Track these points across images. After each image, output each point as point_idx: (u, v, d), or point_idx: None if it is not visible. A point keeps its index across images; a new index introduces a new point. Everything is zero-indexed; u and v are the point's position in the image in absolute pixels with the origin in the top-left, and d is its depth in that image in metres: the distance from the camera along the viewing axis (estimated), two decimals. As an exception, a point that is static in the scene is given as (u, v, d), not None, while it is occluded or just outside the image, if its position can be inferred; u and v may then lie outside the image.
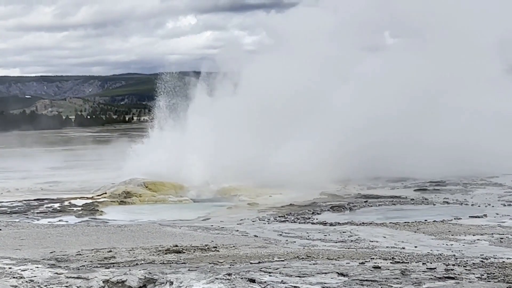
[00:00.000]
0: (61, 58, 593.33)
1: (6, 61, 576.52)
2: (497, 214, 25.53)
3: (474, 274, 13.71)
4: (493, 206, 27.62)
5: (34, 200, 32.60)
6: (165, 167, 36.16)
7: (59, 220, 26.76)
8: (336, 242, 19.45)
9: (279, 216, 26.25)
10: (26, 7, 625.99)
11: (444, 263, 14.87)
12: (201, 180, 35.34)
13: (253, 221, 25.08)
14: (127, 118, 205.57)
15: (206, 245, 18.16)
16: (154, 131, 42.70)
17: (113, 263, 15.58)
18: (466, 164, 38.23)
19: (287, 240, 19.88)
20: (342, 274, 13.53)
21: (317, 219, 25.45)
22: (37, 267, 14.97)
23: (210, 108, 40.94)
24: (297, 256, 15.93)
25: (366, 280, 13.03)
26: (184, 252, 17.01)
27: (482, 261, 15.49)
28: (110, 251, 17.31)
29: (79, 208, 29.97)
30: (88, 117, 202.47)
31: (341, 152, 36.75)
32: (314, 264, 14.72)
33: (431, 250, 17.81)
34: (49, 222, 26.13)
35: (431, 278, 13.20)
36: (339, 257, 15.69)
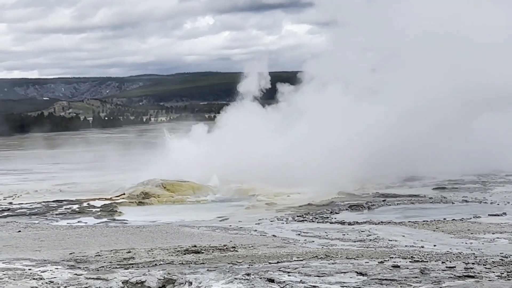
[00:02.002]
0: (79, 60, 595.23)
1: (25, 63, 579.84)
2: (517, 212, 25.43)
3: (494, 272, 13.65)
4: (512, 204, 27.52)
5: (53, 201, 32.73)
6: (184, 168, 36.26)
7: (78, 221, 26.85)
8: (355, 242, 19.41)
9: (297, 216, 26.22)
10: (45, 10, 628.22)
11: (463, 262, 14.82)
12: (219, 180, 35.37)
13: (271, 221, 25.06)
14: (144, 119, 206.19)
15: (224, 245, 18.18)
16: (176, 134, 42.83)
17: (132, 263, 15.63)
18: (485, 162, 38.05)
19: (305, 240, 19.87)
20: (361, 274, 13.50)
21: (335, 218, 25.41)
22: (57, 268, 15.04)
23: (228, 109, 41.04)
24: (316, 256, 15.92)
25: (385, 279, 13.00)
26: (203, 253, 17.04)
27: (501, 260, 15.42)
28: (129, 252, 17.36)
29: (98, 209, 30.06)
30: (106, 118, 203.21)
31: (360, 151, 36.65)
32: (333, 263, 14.71)
33: (451, 248, 17.74)
34: (68, 223, 26.23)
35: (451, 277, 13.15)
36: (358, 257, 15.67)
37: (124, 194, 34.05)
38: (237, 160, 36.29)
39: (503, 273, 13.62)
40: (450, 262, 14.85)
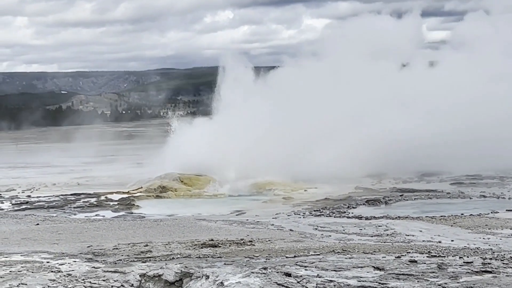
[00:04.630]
0: (98, 53, 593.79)
1: (45, 57, 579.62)
2: (535, 207, 25.31)
3: (511, 268, 13.58)
4: (530, 200, 27.41)
5: (71, 194, 32.90)
6: (201, 162, 36.21)
7: (96, 215, 26.98)
8: (372, 236, 19.40)
9: (314, 210, 26.24)
10: (66, 3, 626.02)
11: (481, 257, 14.75)
12: (236, 175, 35.33)
13: (288, 215, 25.08)
14: (162, 113, 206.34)
15: (241, 239, 18.20)
16: (190, 125, 42.71)
17: (150, 257, 15.68)
18: (502, 157, 37.86)
19: (322, 234, 19.86)
20: (378, 268, 13.48)
21: (352, 213, 25.41)
22: (75, 261, 15.11)
23: (245, 103, 40.82)
24: (333, 250, 15.91)
25: (403, 274, 12.96)
26: (220, 246, 17.06)
27: (519, 255, 15.34)
28: (147, 245, 17.41)
29: (116, 203, 30.18)
30: (123, 112, 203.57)
31: (376, 146, 36.58)
32: (350, 258, 14.68)
33: (468, 244, 17.69)
34: (86, 216, 26.35)
35: (468, 272, 13.10)
36: (375, 251, 15.64)
37: (141, 187, 34.17)
38: (252, 153, 36.14)
39: (520, 269, 13.56)
40: (468, 257, 14.79)
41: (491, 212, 24.27)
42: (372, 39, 44.17)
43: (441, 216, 23.56)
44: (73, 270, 14.11)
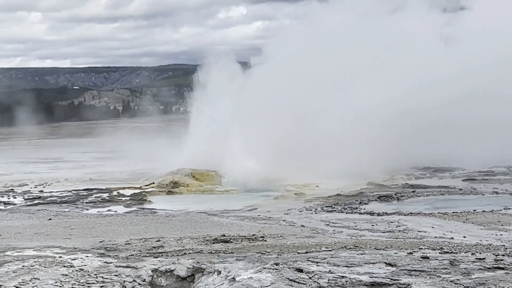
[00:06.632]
0: (111, 49, 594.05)
1: (58, 52, 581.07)
2: (547, 203, 25.21)
3: (524, 264, 13.54)
4: (543, 196, 27.30)
5: (83, 190, 32.99)
6: (212, 157, 36.21)
7: (108, 210, 27.04)
8: (384, 232, 19.36)
9: (326, 206, 26.20)
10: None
11: (493, 254, 14.71)
12: (247, 170, 35.28)
13: (300, 211, 25.06)
14: (173, 109, 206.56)
15: (253, 235, 18.19)
16: (200, 121, 42.67)
17: (162, 252, 15.70)
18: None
19: (334, 230, 19.83)
20: (390, 264, 13.45)
21: (364, 209, 25.36)
22: (87, 256, 15.14)
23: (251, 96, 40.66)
24: (345, 246, 15.88)
25: (415, 270, 12.94)
26: (231, 242, 17.06)
27: (532, 252, 15.28)
28: (159, 241, 17.43)
29: (128, 198, 30.25)
30: (135, 108, 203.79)
31: (388, 141, 36.50)
32: (361, 254, 14.66)
33: (480, 240, 17.63)
34: (98, 212, 26.42)
35: (480, 269, 13.06)
36: (387, 247, 15.61)
37: (153, 183, 34.25)
38: (264, 148, 36.02)
39: (533, 265, 13.51)
40: (480, 253, 14.74)
41: (504, 209, 24.17)
42: None
43: (453, 212, 23.49)
44: (85, 265, 14.14)
